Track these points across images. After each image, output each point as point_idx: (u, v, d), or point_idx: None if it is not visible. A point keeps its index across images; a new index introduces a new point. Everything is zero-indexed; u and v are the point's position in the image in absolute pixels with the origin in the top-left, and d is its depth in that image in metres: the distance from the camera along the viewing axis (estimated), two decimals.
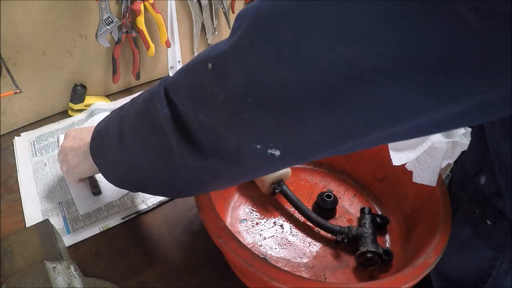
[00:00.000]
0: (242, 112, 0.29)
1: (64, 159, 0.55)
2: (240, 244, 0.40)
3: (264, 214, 0.60)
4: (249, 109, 0.28)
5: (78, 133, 0.54)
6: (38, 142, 0.73)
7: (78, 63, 0.79)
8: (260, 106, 0.28)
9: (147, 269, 0.52)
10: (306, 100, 0.25)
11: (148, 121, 0.37)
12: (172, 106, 0.35)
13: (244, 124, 0.30)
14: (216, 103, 0.30)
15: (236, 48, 0.28)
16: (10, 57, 0.68)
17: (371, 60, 0.22)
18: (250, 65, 0.27)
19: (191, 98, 0.33)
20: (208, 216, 0.43)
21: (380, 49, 0.21)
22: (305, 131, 0.27)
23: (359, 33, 0.22)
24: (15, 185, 0.63)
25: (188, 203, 0.63)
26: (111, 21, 0.75)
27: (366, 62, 0.22)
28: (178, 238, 0.57)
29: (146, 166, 0.40)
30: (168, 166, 0.37)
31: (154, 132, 0.36)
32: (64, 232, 0.56)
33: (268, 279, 0.37)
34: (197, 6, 0.91)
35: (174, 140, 0.35)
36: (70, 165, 0.54)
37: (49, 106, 0.79)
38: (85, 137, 0.52)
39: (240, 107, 0.29)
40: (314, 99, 0.25)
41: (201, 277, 0.52)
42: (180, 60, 0.96)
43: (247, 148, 0.31)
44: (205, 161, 0.34)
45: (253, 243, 0.55)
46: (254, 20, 0.27)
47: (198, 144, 0.33)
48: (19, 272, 0.34)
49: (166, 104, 0.35)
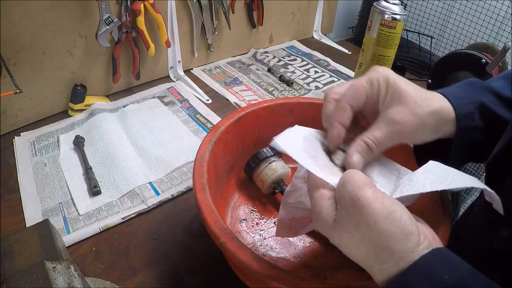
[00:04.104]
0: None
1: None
2: (240, 244, 0.40)
3: (264, 214, 0.60)
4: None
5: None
6: (38, 142, 0.73)
7: (78, 63, 0.79)
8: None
9: (147, 269, 0.52)
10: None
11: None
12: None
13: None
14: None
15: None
16: (10, 57, 0.68)
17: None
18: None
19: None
20: (208, 216, 0.43)
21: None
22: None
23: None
24: (15, 185, 0.63)
25: (188, 203, 0.63)
26: (111, 21, 0.75)
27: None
28: (178, 238, 0.57)
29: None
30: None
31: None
32: (64, 232, 0.56)
33: (268, 279, 0.37)
34: (197, 6, 0.91)
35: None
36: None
37: (49, 106, 0.79)
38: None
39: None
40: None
41: (201, 277, 0.52)
42: (180, 60, 0.96)
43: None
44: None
45: (253, 243, 0.55)
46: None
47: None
48: (19, 272, 0.34)
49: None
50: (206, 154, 0.51)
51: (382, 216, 0.29)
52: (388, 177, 0.40)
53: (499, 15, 1.08)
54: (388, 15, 0.80)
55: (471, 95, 0.40)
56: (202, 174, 0.48)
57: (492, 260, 0.39)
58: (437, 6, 1.22)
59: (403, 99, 0.37)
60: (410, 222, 0.30)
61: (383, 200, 0.30)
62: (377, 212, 0.29)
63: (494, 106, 0.40)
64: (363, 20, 1.32)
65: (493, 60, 0.78)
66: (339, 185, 0.32)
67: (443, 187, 0.33)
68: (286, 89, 0.95)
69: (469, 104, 0.40)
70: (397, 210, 0.30)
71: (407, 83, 0.38)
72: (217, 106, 0.88)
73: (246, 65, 1.06)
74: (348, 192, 0.31)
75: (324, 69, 1.06)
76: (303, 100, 0.62)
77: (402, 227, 0.29)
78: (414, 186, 0.34)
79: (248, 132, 0.61)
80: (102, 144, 0.72)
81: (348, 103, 0.38)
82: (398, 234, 0.29)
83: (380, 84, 0.38)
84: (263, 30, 1.12)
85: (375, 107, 0.39)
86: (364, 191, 0.30)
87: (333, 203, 0.33)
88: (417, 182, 0.35)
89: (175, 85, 0.94)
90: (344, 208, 0.31)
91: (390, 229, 0.29)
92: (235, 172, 0.62)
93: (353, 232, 0.30)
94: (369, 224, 0.29)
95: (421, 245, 0.29)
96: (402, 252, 0.29)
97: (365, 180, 0.31)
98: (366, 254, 0.31)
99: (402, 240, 0.29)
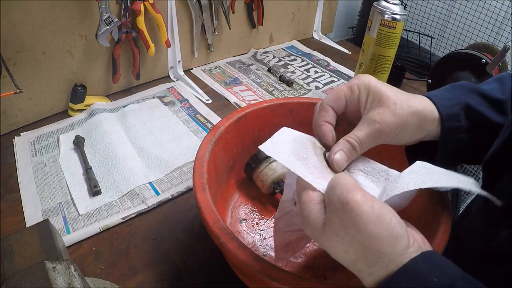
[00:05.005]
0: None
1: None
2: (240, 244, 0.40)
3: (264, 214, 0.60)
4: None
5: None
6: (38, 142, 0.73)
7: (78, 63, 0.79)
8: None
9: (147, 269, 0.52)
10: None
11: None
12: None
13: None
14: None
15: None
16: (10, 57, 0.68)
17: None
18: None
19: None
20: (208, 216, 0.43)
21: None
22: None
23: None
24: (15, 185, 0.63)
25: (188, 203, 0.63)
26: (111, 21, 0.75)
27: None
28: (178, 238, 0.57)
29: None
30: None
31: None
32: (64, 232, 0.56)
33: (268, 279, 0.37)
34: (197, 6, 0.91)
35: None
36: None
37: (49, 106, 0.79)
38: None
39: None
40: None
41: (201, 277, 0.52)
42: (180, 60, 0.96)
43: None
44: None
45: (253, 243, 0.55)
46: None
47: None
48: (19, 272, 0.34)
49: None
50: (206, 154, 0.51)
51: (372, 219, 0.29)
52: (376, 181, 0.41)
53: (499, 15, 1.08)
54: (388, 15, 0.80)
55: (456, 97, 0.41)
56: (202, 174, 0.48)
57: (490, 261, 0.38)
58: (437, 6, 1.22)
59: (383, 102, 0.39)
60: (399, 226, 0.30)
61: (373, 203, 0.30)
62: (366, 215, 0.29)
63: (481, 107, 0.41)
64: (363, 20, 1.32)
65: (493, 60, 0.78)
66: (328, 188, 0.32)
67: (427, 186, 0.33)
68: (286, 89, 0.95)
69: (454, 105, 0.41)
70: (387, 213, 0.30)
71: (388, 87, 0.40)
72: (217, 106, 0.88)
73: (246, 65, 1.06)
74: (337, 196, 0.31)
75: (324, 69, 1.06)
76: (303, 100, 0.62)
77: (391, 230, 0.29)
78: (399, 187, 0.34)
79: (248, 132, 0.61)
80: (102, 144, 0.72)
81: (328, 105, 0.41)
82: (388, 237, 0.29)
83: (361, 90, 0.40)
84: (263, 30, 1.12)
85: (357, 112, 0.41)
86: (353, 194, 0.30)
87: (322, 207, 0.33)
88: (402, 182, 0.35)
89: (175, 85, 0.94)
90: (333, 212, 0.31)
91: (380, 232, 0.29)
92: (235, 172, 0.62)
93: (342, 236, 0.30)
94: (359, 227, 0.29)
95: (410, 248, 0.29)
96: (391, 255, 0.29)
97: (354, 184, 0.31)
98: (356, 258, 0.31)
99: (391, 243, 0.29)
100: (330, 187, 0.32)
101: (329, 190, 0.32)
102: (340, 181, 0.32)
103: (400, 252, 0.29)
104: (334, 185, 0.32)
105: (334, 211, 0.31)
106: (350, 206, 0.30)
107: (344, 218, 0.30)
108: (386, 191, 0.36)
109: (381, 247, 0.29)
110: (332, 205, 0.31)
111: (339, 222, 0.30)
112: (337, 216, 0.31)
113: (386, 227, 0.29)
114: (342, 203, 0.30)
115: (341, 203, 0.30)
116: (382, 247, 0.29)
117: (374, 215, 0.29)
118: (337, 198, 0.31)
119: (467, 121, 0.41)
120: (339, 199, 0.30)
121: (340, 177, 0.32)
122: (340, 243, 0.31)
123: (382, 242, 0.29)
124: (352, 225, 0.30)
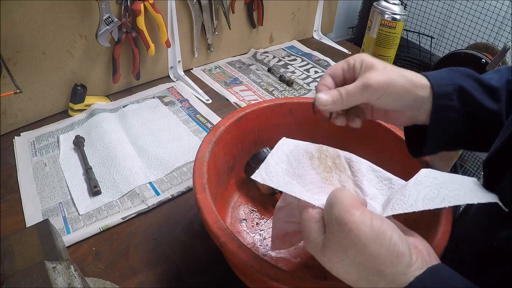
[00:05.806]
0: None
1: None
2: (240, 244, 0.40)
3: (264, 214, 0.60)
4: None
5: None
6: (38, 142, 0.73)
7: (78, 63, 0.79)
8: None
9: (147, 269, 0.52)
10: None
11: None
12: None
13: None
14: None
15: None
16: (10, 57, 0.68)
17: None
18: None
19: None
20: (208, 216, 0.43)
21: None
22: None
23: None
24: (15, 185, 0.63)
25: (188, 203, 0.63)
26: (111, 21, 0.75)
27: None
28: (178, 238, 0.57)
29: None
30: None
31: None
32: (64, 232, 0.56)
33: (268, 279, 0.37)
34: (197, 6, 0.91)
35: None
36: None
37: (49, 106, 0.79)
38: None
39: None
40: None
41: (201, 277, 0.52)
42: (180, 60, 0.96)
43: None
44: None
45: (253, 243, 0.55)
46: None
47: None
48: (19, 272, 0.34)
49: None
50: (206, 154, 0.51)
51: (371, 239, 0.29)
52: (379, 188, 0.40)
53: (499, 15, 1.08)
54: (388, 15, 0.80)
55: (451, 78, 0.43)
56: (202, 174, 0.48)
57: (490, 260, 0.38)
58: (437, 6, 1.22)
59: (375, 68, 0.42)
60: (400, 243, 0.29)
61: (372, 221, 0.29)
62: (365, 235, 0.29)
63: (475, 92, 0.42)
64: (363, 20, 1.32)
65: (493, 60, 0.78)
66: (327, 206, 0.32)
67: (435, 206, 0.33)
68: (286, 89, 0.95)
69: (448, 85, 0.42)
70: (387, 230, 0.29)
71: (381, 62, 0.43)
72: (217, 106, 0.88)
73: (246, 65, 1.06)
74: (335, 216, 0.30)
75: (324, 69, 1.06)
76: (303, 100, 0.62)
77: (392, 248, 0.29)
78: (407, 203, 0.34)
79: (248, 132, 0.61)
80: (102, 144, 0.72)
81: (327, 74, 0.46)
82: (389, 256, 0.29)
83: (356, 62, 0.44)
84: (263, 30, 1.12)
85: (353, 80, 0.44)
86: (351, 213, 0.29)
87: (322, 226, 0.32)
88: (410, 197, 0.34)
89: (175, 85, 0.94)
90: (332, 233, 0.30)
91: (380, 252, 0.28)
92: (235, 172, 0.62)
93: (343, 257, 0.30)
94: (358, 248, 0.29)
95: (413, 266, 0.29)
96: (393, 275, 0.29)
97: (352, 201, 0.30)
98: (358, 278, 0.30)
99: (393, 262, 0.29)
100: (328, 205, 0.31)
101: (327, 208, 0.31)
102: (338, 199, 0.31)
103: (402, 272, 0.29)
104: (332, 203, 0.31)
105: (333, 232, 0.30)
106: (349, 227, 0.29)
107: (343, 239, 0.29)
108: (391, 202, 0.36)
109: (382, 267, 0.29)
110: (330, 226, 0.31)
111: (339, 244, 0.30)
112: (336, 238, 0.30)
113: (387, 246, 0.29)
114: (340, 224, 0.29)
115: (339, 224, 0.30)
116: (384, 267, 0.29)
117: (374, 234, 0.29)
118: (335, 219, 0.30)
119: (459, 103, 0.42)
120: (337, 220, 0.30)
121: (338, 194, 0.31)
122: (341, 264, 0.30)
123: (383, 262, 0.29)
124: (351, 247, 0.29)
